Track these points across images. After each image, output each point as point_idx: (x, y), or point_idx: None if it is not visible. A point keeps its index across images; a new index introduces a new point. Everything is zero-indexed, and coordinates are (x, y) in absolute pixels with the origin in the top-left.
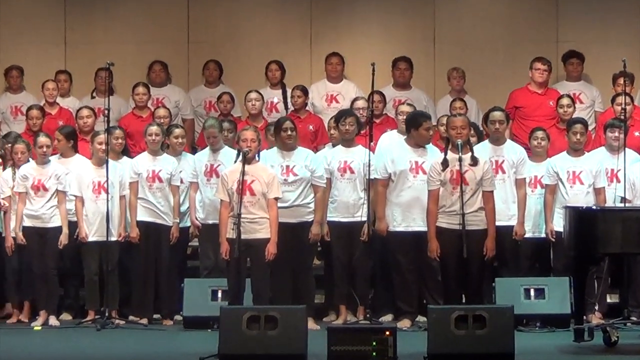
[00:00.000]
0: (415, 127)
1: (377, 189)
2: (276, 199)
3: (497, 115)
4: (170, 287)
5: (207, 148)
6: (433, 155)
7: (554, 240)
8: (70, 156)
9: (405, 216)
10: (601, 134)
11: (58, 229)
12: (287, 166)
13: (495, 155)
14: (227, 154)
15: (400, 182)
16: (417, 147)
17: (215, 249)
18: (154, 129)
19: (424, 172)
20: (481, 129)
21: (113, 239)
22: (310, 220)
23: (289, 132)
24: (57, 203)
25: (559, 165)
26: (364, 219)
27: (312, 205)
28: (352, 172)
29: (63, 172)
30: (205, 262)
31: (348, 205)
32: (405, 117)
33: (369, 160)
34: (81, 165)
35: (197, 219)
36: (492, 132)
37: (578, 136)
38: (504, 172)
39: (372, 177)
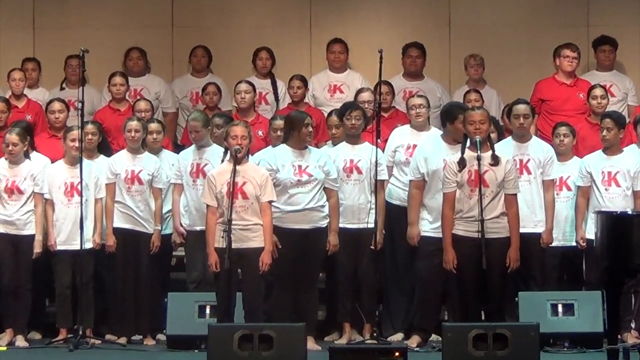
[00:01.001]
0: (451, 120)
1: (410, 191)
2: (270, 202)
3: (522, 108)
4: (152, 302)
5: (193, 145)
6: None
7: (584, 246)
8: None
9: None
10: (632, 131)
11: (33, 238)
12: (300, 166)
13: (519, 153)
14: (215, 151)
15: (434, 182)
16: (454, 144)
17: (204, 259)
18: (133, 124)
19: None
20: (501, 123)
21: (88, 247)
22: (324, 226)
23: (311, 129)
24: (33, 207)
25: (593, 165)
26: (373, 225)
27: (325, 209)
28: (359, 172)
29: (39, 172)
30: (192, 274)
31: (355, 209)
32: (419, 110)
33: (376, 160)
34: (41, 163)
35: (182, 226)
36: (515, 128)
37: (604, 132)
38: (529, 172)
39: (411, 178)
